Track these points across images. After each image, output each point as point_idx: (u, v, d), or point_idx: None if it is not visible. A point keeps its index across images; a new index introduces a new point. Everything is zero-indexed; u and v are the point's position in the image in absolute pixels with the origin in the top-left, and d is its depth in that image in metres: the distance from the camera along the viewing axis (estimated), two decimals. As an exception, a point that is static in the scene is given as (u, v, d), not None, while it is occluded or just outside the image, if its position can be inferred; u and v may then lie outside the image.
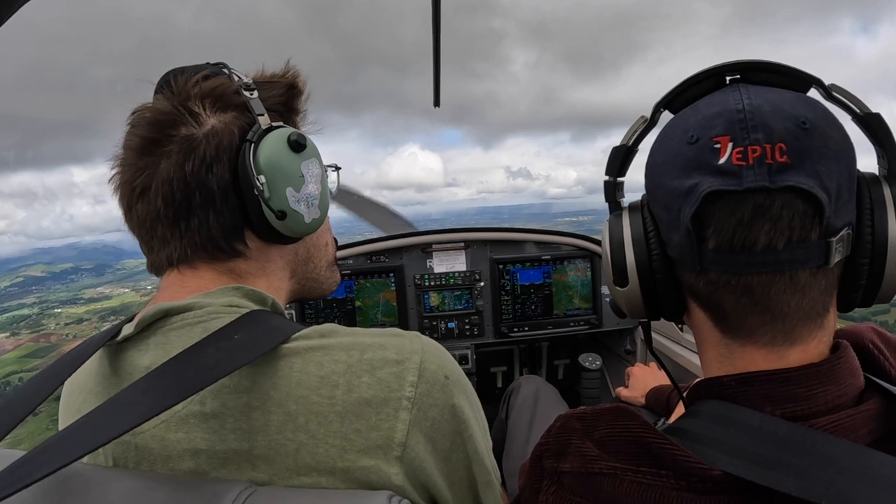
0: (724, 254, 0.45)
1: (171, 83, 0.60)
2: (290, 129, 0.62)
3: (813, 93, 0.48)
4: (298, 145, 0.62)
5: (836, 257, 0.45)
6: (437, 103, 2.13)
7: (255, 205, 0.59)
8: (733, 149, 0.43)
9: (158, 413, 0.45)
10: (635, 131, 0.56)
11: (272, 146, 0.59)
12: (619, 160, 0.58)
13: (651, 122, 0.55)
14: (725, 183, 0.43)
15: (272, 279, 0.65)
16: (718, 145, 0.44)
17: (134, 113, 0.60)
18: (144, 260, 0.63)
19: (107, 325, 0.62)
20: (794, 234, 0.43)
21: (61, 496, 0.44)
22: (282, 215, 0.59)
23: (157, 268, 0.61)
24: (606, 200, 0.60)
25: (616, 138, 0.59)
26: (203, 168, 0.57)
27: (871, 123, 0.47)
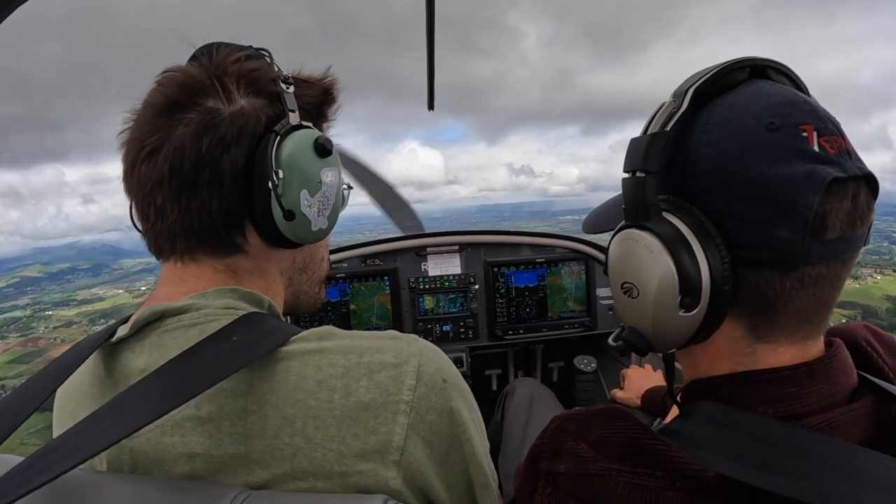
0: (832, 243, 0.44)
1: (211, 53, 0.59)
2: (318, 132, 0.61)
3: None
4: (324, 150, 0.61)
5: None
6: (431, 106, 2.13)
7: (264, 199, 0.57)
8: (819, 137, 0.43)
9: (157, 418, 0.44)
10: (668, 117, 0.47)
11: (297, 144, 0.58)
12: (659, 150, 0.47)
13: (683, 107, 0.47)
14: (835, 170, 0.42)
15: (270, 282, 0.64)
16: (805, 133, 0.43)
17: (165, 72, 0.58)
18: (142, 260, 0.62)
19: (96, 328, 0.61)
20: (868, 217, 0.45)
21: (57, 500, 0.44)
22: (290, 216, 0.58)
23: (158, 249, 0.60)
24: (646, 203, 0.47)
25: (630, 132, 0.50)
26: (220, 147, 0.55)
27: None
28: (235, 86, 0.57)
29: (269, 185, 0.56)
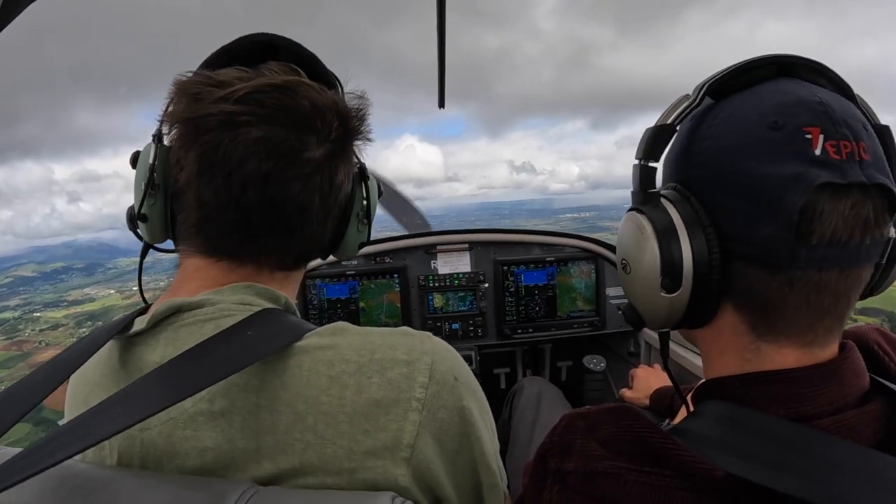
0: (822, 249, 0.43)
1: (331, 81, 0.64)
2: (375, 180, 0.71)
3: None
4: (380, 193, 0.72)
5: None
6: (441, 104, 2.13)
7: (338, 239, 0.66)
8: (825, 141, 0.42)
9: (167, 407, 0.45)
10: (679, 111, 0.49)
11: (372, 193, 0.69)
12: (663, 142, 0.50)
13: (697, 103, 0.49)
14: (831, 175, 0.42)
15: (291, 280, 0.65)
16: (810, 136, 0.43)
17: (297, 81, 0.56)
18: (137, 259, 0.63)
19: (83, 331, 0.61)
20: (877, 230, 0.44)
21: (65, 495, 0.44)
22: (361, 247, 0.70)
23: (212, 248, 0.59)
24: (642, 189, 0.51)
25: (640, 127, 0.50)
26: (341, 191, 0.62)
27: (884, 135, 0.48)
28: (343, 130, 0.60)
29: (356, 228, 0.67)
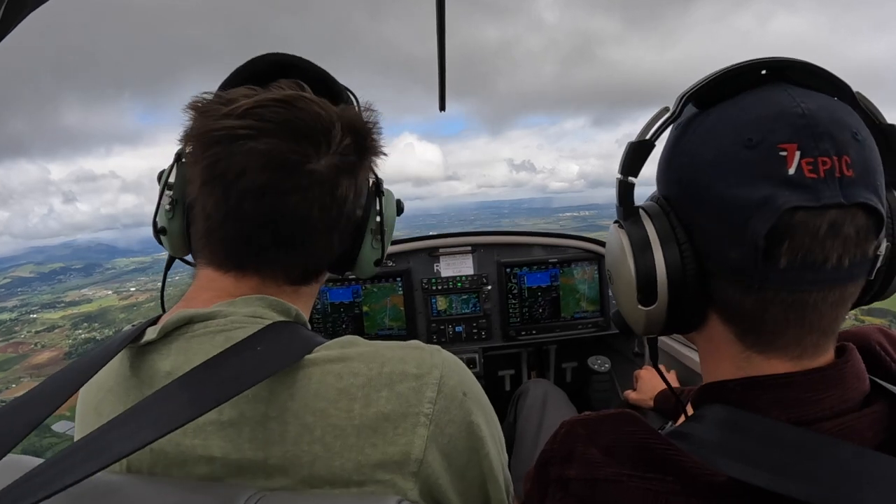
0: (792, 271, 0.42)
1: (355, 100, 0.67)
2: (395, 197, 0.73)
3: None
4: (401, 209, 0.73)
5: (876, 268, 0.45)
6: (442, 107, 2.13)
7: (353, 255, 0.67)
8: (801, 159, 0.41)
9: (182, 425, 0.44)
10: (658, 125, 0.49)
11: (389, 208, 0.69)
12: (641, 158, 0.50)
13: (676, 116, 0.49)
14: (802, 198, 0.40)
15: (303, 295, 0.66)
16: (784, 153, 0.41)
17: (300, 95, 0.57)
18: (135, 259, 0.62)
19: (79, 332, 0.62)
20: (859, 250, 0.42)
21: (74, 500, 0.44)
22: (377, 264, 0.70)
23: (220, 261, 0.59)
24: (620, 204, 0.51)
25: (642, 124, 0.51)
26: (354, 203, 0.62)
27: (890, 135, 0.47)
28: (353, 144, 0.60)
29: (370, 244, 0.67)
